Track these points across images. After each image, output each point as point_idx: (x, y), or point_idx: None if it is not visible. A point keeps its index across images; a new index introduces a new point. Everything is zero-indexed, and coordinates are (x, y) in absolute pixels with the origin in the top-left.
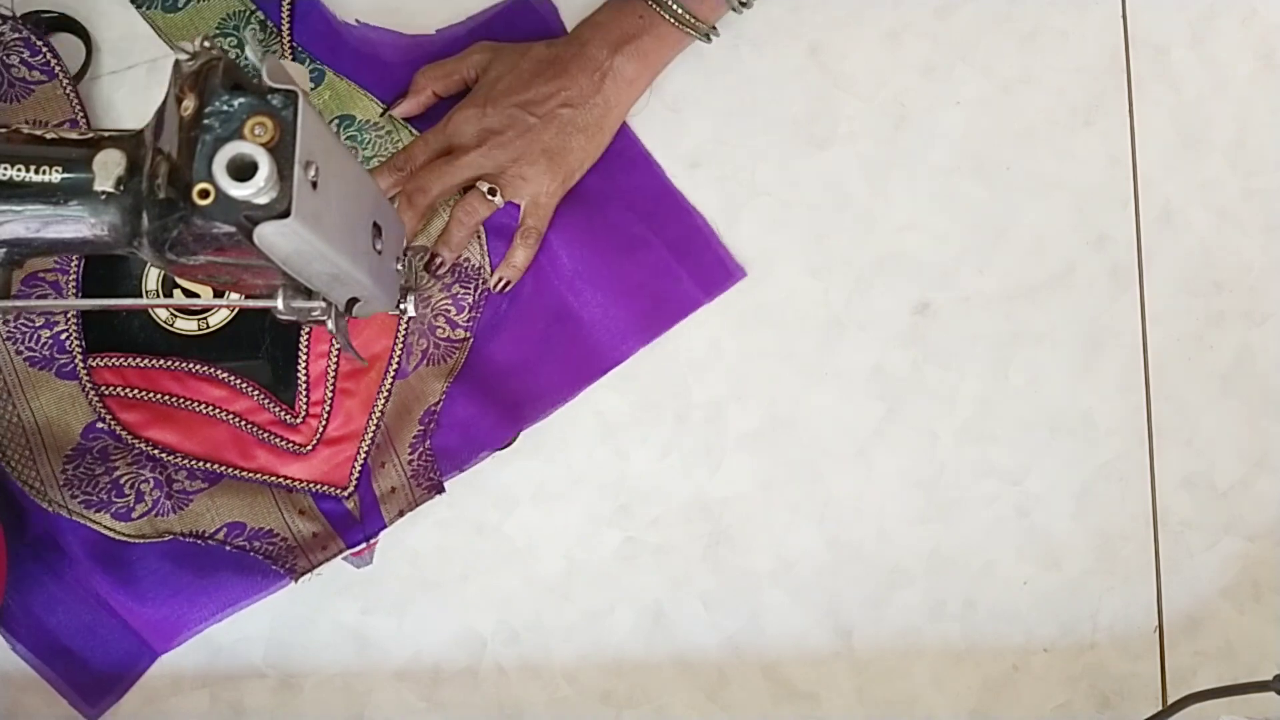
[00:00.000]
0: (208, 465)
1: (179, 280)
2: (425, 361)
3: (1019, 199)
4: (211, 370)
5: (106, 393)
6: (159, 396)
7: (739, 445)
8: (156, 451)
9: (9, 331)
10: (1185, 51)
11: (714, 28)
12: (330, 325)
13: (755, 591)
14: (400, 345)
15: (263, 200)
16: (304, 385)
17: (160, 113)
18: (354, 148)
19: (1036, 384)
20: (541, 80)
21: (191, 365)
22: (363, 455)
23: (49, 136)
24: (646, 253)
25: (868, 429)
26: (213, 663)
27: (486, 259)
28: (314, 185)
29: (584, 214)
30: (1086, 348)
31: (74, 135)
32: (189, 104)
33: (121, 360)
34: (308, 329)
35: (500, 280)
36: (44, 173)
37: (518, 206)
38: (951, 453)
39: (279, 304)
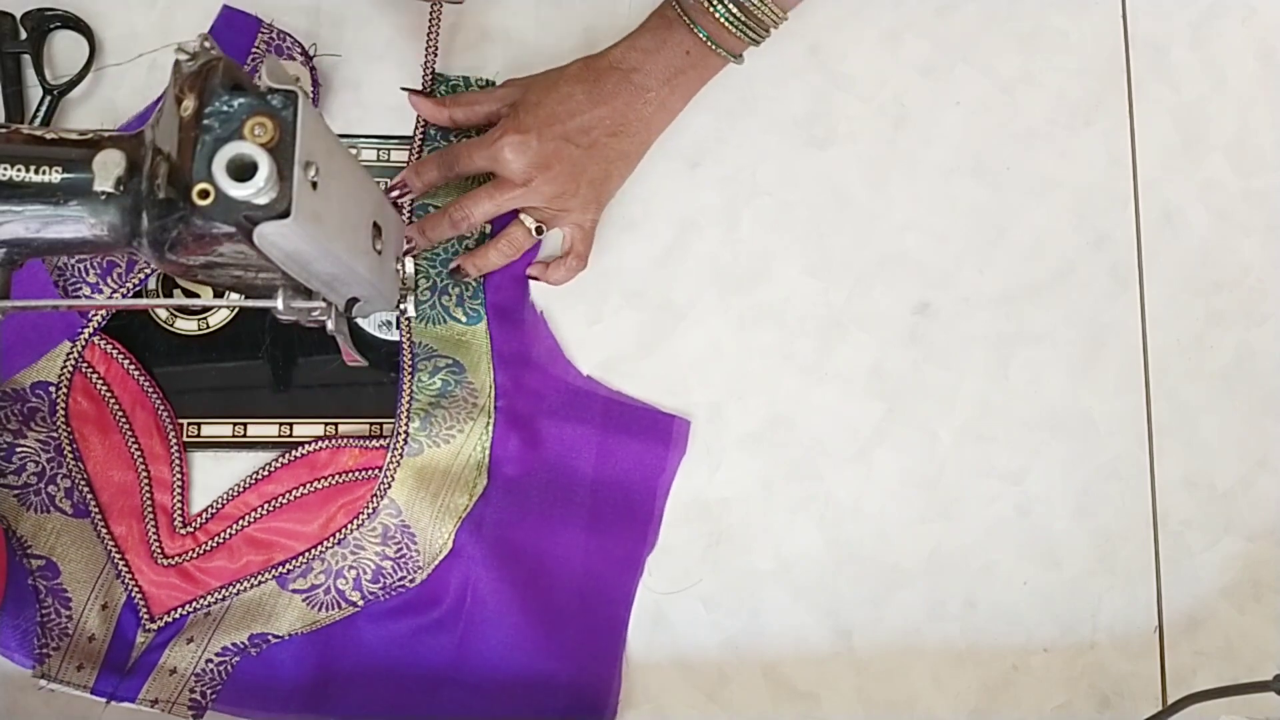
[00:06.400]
0: (89, 498)
1: (179, 280)
2: (307, 597)
3: (1019, 199)
4: (172, 426)
5: (83, 368)
6: (116, 406)
7: (739, 445)
8: (68, 448)
9: (61, 266)
10: (1185, 51)
11: (741, 55)
12: (330, 325)
13: (755, 591)
14: (304, 558)
15: (262, 200)
16: (215, 509)
17: (160, 113)
18: (442, 392)
19: (1036, 384)
20: (587, 106)
21: (164, 408)
22: (189, 609)
23: (49, 136)
24: (546, 661)
25: (868, 429)
26: None
27: (431, 567)
28: (314, 185)
29: (528, 612)
30: (1086, 348)
31: (74, 135)
32: (189, 104)
33: (122, 355)
34: (267, 466)
35: (533, 279)
36: (44, 173)
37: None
38: (951, 453)
39: (279, 304)
